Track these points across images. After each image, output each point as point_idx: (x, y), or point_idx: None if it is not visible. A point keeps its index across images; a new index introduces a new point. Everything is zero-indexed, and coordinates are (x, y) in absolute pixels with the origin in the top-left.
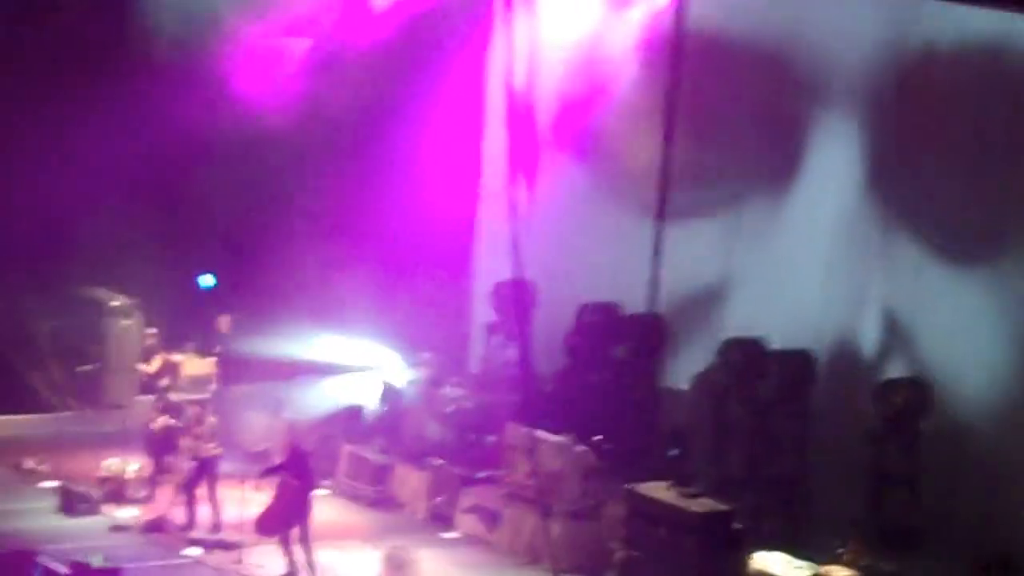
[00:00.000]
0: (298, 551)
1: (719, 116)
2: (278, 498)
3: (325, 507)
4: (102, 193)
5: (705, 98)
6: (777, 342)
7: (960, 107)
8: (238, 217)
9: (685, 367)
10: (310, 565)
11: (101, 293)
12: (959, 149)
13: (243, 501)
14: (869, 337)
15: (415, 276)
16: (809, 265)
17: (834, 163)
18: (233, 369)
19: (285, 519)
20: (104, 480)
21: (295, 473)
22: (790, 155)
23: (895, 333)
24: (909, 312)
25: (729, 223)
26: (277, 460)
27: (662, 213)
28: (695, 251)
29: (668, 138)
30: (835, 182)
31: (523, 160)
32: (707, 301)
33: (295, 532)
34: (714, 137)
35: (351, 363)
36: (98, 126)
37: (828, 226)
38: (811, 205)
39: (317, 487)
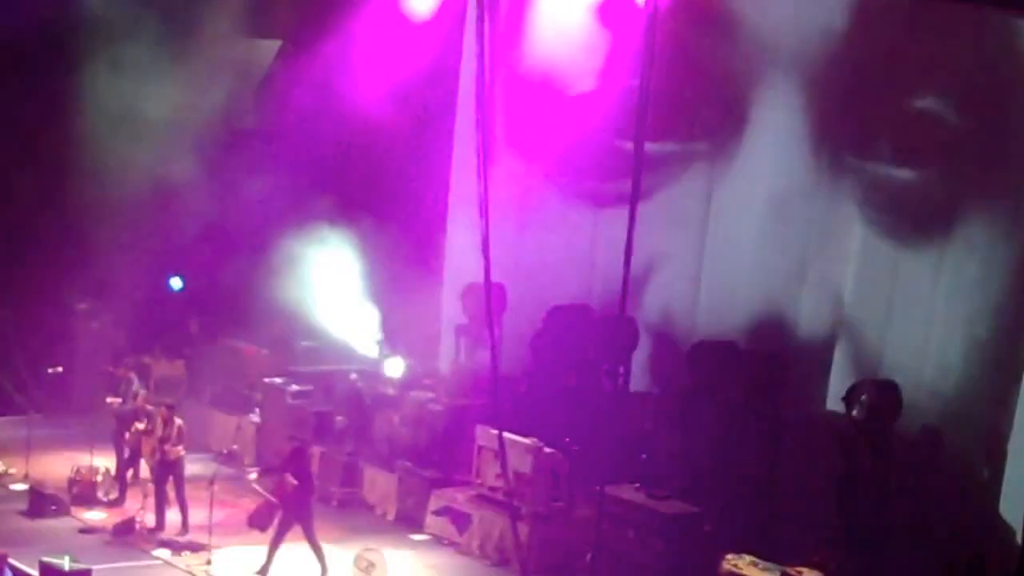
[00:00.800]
0: (306, 553)
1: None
2: (275, 496)
3: None
4: (70, 193)
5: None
6: (711, 321)
7: (914, 81)
8: (208, 218)
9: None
10: (322, 565)
11: (70, 295)
12: (911, 124)
13: (212, 503)
14: (808, 319)
15: (386, 276)
16: (749, 244)
17: (778, 137)
18: (202, 371)
19: (282, 518)
20: (73, 482)
21: (296, 474)
22: (733, 125)
23: (838, 315)
24: (853, 294)
25: (667, 201)
26: (247, 459)
27: (633, 215)
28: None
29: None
30: (779, 157)
31: (492, 160)
32: (643, 279)
33: (292, 534)
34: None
35: (321, 365)
36: (66, 123)
37: (769, 203)
38: (753, 180)
39: (316, 490)
